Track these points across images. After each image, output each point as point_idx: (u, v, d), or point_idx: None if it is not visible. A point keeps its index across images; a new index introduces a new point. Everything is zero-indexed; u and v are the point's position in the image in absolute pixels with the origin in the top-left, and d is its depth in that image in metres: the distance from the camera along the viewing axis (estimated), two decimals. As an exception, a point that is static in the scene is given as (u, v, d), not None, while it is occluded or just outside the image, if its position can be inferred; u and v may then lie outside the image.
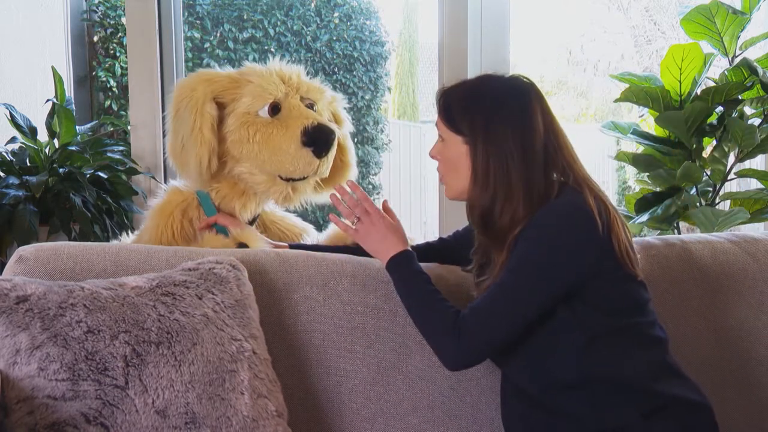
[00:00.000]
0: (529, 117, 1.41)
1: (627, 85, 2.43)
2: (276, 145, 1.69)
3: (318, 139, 1.69)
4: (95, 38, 4.14)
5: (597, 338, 1.35)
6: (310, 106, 1.78)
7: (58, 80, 2.70)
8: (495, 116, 1.41)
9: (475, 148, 1.42)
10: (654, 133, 2.54)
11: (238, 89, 1.73)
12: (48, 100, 2.70)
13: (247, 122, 1.70)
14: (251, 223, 1.85)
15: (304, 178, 1.77)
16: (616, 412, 1.33)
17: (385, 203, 1.62)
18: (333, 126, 1.77)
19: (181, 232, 1.79)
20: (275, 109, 1.72)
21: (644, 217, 2.36)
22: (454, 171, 1.47)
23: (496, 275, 1.41)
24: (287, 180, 1.76)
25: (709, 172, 2.43)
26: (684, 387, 1.39)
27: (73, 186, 2.46)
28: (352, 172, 1.92)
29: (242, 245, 1.67)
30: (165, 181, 2.77)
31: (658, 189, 2.45)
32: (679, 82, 2.39)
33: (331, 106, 1.90)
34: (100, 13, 4.17)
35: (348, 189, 1.57)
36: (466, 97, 1.46)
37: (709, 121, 2.38)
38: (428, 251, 1.71)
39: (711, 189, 2.46)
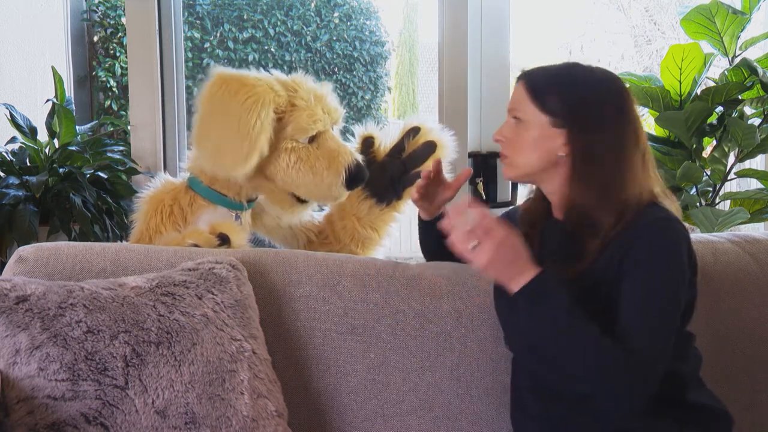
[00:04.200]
0: (629, 109, 1.33)
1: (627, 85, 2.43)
2: (318, 177, 1.75)
3: (357, 180, 1.78)
4: (95, 38, 4.15)
5: None
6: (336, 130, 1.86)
7: (58, 80, 2.70)
8: (595, 103, 1.32)
9: (571, 132, 1.31)
10: (654, 133, 2.54)
11: (288, 113, 1.75)
12: (48, 100, 2.70)
13: (287, 149, 1.74)
14: (250, 202, 1.87)
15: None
16: (647, 414, 1.31)
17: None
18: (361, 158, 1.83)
19: (169, 216, 1.80)
20: (314, 136, 1.77)
21: (644, 217, 2.35)
22: (527, 152, 1.36)
23: (590, 262, 1.31)
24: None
25: (709, 172, 2.43)
26: (710, 397, 1.40)
27: (73, 186, 2.46)
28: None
29: (223, 235, 1.67)
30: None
31: (658, 189, 2.45)
32: (679, 82, 2.39)
33: None
34: (100, 13, 4.18)
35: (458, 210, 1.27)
36: (558, 77, 1.36)
37: (709, 121, 2.38)
38: None
39: (711, 189, 2.46)
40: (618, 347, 1.20)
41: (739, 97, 2.35)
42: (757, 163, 2.89)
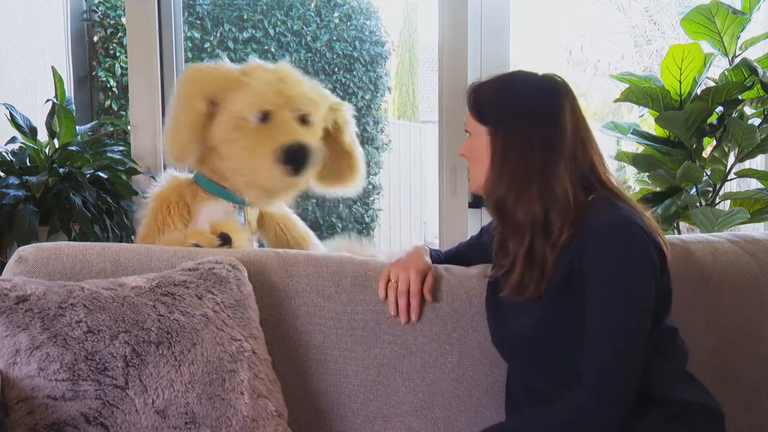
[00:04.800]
0: (555, 112, 1.38)
1: (627, 85, 2.43)
2: (256, 156, 1.74)
3: (294, 158, 1.71)
4: (95, 38, 4.14)
5: None
6: (304, 118, 1.80)
7: (58, 80, 2.70)
8: (520, 107, 1.40)
9: (495, 136, 1.40)
10: (654, 133, 2.54)
11: (233, 90, 1.76)
12: (48, 100, 2.70)
13: (236, 125, 1.75)
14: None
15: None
16: (632, 414, 1.32)
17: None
18: (313, 143, 1.77)
19: (176, 210, 1.84)
20: (265, 116, 1.75)
21: (644, 217, 2.35)
22: (477, 163, 1.44)
23: (520, 269, 1.37)
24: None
25: (709, 172, 2.43)
26: (699, 393, 1.39)
27: (73, 186, 2.46)
28: (359, 178, 1.98)
29: (224, 235, 1.69)
30: (165, 181, 2.77)
31: (658, 189, 2.45)
32: (679, 82, 2.39)
33: (335, 114, 1.93)
34: (100, 13, 4.18)
35: None
36: (494, 89, 1.44)
37: (709, 121, 2.38)
38: (455, 256, 1.74)
39: (711, 189, 2.46)
40: (579, 400, 1.27)
41: (739, 97, 2.34)
42: (757, 163, 2.89)
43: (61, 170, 2.51)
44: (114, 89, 4.15)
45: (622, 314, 1.28)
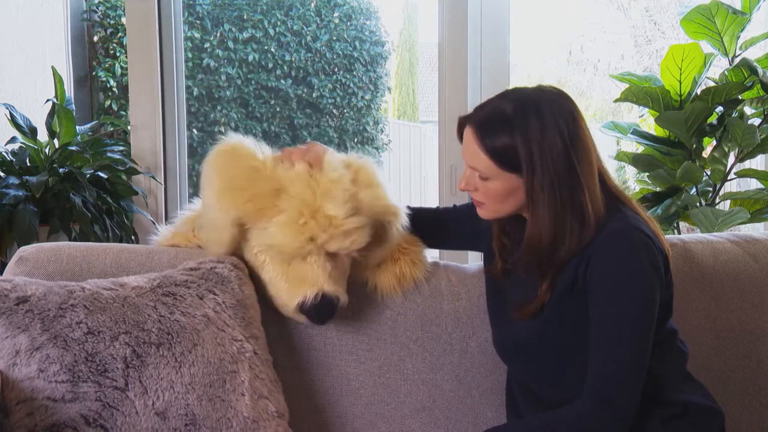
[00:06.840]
0: (581, 135, 1.32)
1: (627, 85, 2.43)
2: (279, 294, 1.53)
3: (316, 314, 1.49)
4: (95, 38, 4.14)
5: None
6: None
7: (58, 80, 2.70)
8: (547, 142, 1.28)
9: (531, 181, 1.30)
10: (654, 133, 2.55)
11: (265, 218, 1.48)
12: (48, 100, 2.70)
13: (263, 251, 1.52)
14: None
15: None
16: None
17: None
18: (340, 292, 1.50)
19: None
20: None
21: (644, 218, 2.35)
22: (501, 202, 1.36)
23: (542, 296, 1.34)
24: None
25: (709, 172, 2.43)
26: (698, 393, 1.39)
27: (73, 186, 2.46)
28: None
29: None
30: (165, 182, 2.77)
31: (658, 189, 2.45)
32: (679, 82, 2.39)
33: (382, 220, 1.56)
34: (100, 13, 4.17)
35: None
36: (509, 124, 1.30)
37: (709, 121, 2.38)
38: (431, 216, 1.65)
39: (711, 189, 2.46)
40: (586, 408, 1.26)
41: (739, 97, 2.35)
42: (757, 163, 2.90)
43: (61, 170, 2.51)
44: (114, 89, 4.15)
45: (628, 322, 1.27)
